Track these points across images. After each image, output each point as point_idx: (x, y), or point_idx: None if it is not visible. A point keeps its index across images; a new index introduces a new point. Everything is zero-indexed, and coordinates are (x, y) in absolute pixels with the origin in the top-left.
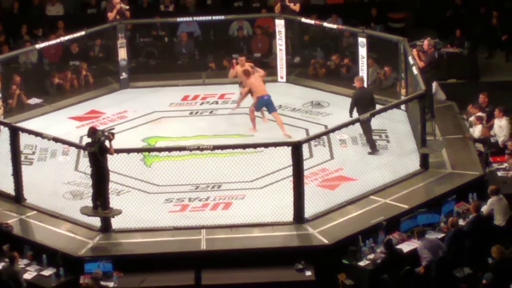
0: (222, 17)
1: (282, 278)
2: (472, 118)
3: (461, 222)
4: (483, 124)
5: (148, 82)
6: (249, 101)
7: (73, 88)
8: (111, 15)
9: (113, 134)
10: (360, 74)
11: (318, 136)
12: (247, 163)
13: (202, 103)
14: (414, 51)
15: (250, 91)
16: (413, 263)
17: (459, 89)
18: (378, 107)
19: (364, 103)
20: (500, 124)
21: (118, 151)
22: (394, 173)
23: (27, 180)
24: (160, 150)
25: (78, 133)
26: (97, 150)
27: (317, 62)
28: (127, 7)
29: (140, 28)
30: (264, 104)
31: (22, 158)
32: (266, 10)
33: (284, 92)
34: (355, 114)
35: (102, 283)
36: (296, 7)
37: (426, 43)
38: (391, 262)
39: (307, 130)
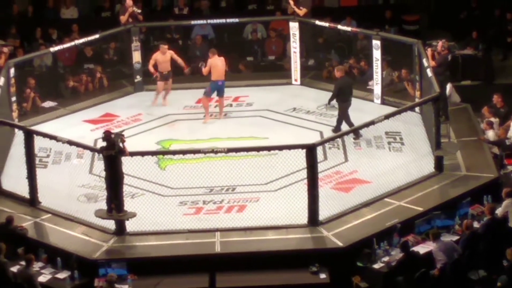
0: (236, 20)
1: (296, 281)
2: (483, 124)
3: (476, 225)
4: (493, 129)
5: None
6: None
7: (88, 91)
8: (123, 18)
9: (123, 136)
10: (375, 76)
11: (332, 139)
12: (262, 166)
13: (216, 106)
14: (429, 50)
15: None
16: (428, 266)
17: (474, 91)
18: (392, 109)
19: (347, 91)
20: None
21: (133, 154)
22: (408, 176)
23: (41, 183)
24: (174, 153)
25: (92, 136)
26: (117, 152)
27: (331, 64)
28: (139, 10)
29: (154, 31)
30: (217, 88)
31: (37, 161)
32: (280, 12)
33: (298, 95)
34: (334, 103)
35: (117, 286)
36: (301, 11)
37: (440, 44)
38: (407, 264)
39: (321, 133)
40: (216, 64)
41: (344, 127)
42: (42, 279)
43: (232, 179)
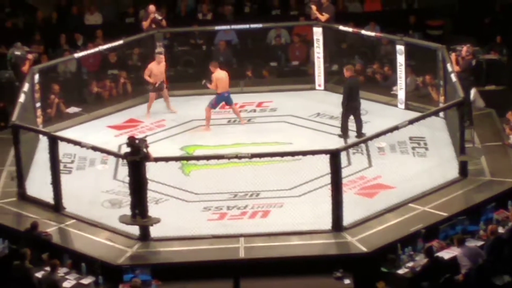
0: (260, 25)
1: (320, 287)
2: (507, 129)
3: (501, 230)
4: None
5: (186, 90)
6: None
7: (112, 97)
8: (145, 24)
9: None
10: (399, 81)
11: (356, 144)
12: (285, 171)
13: (240, 111)
14: (453, 55)
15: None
16: (453, 271)
17: (498, 96)
18: (416, 114)
19: (356, 91)
20: None
21: (157, 159)
22: (433, 181)
23: (66, 189)
24: (198, 158)
25: (116, 141)
26: (141, 158)
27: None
28: (160, 17)
29: (178, 37)
30: (224, 100)
31: (61, 166)
32: (304, 18)
33: (322, 100)
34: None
35: None
36: (323, 17)
37: (465, 49)
38: (431, 270)
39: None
40: (221, 77)
41: (367, 129)
42: (66, 284)
43: (256, 185)
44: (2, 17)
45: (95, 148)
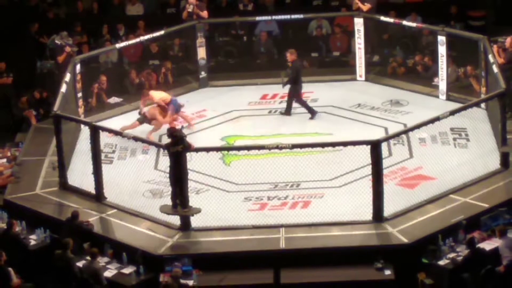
0: (301, 16)
1: (361, 277)
2: None
3: None
4: None
5: (227, 81)
6: None
7: (152, 87)
8: (184, 14)
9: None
10: (440, 72)
11: (397, 135)
12: (326, 162)
13: (280, 102)
14: (495, 47)
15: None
16: (494, 262)
17: None
18: (457, 105)
19: (300, 74)
20: None
21: (198, 149)
22: (474, 172)
23: (107, 179)
24: (239, 148)
25: (157, 132)
26: (183, 148)
27: (395, 60)
28: (190, 10)
29: (219, 27)
30: (177, 103)
31: (103, 157)
32: (345, 8)
33: (363, 91)
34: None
35: (182, 281)
36: (365, 7)
37: (509, 40)
38: (473, 261)
39: (386, 129)
40: (160, 97)
41: (408, 120)
42: (108, 274)
43: (296, 175)
44: (44, 8)
45: (136, 138)
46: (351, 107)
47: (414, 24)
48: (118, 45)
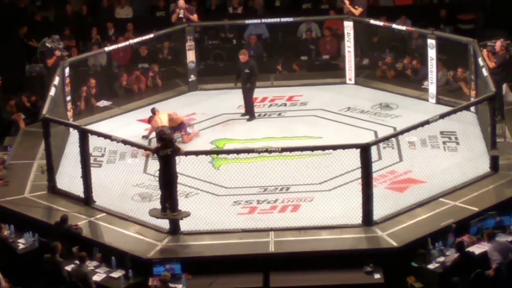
0: (291, 19)
1: (350, 281)
2: None
3: None
4: None
5: (217, 84)
6: None
7: (141, 90)
8: (173, 17)
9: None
10: (430, 76)
11: (387, 138)
12: (316, 165)
13: (270, 105)
14: (484, 51)
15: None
16: (484, 266)
17: None
18: (447, 109)
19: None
20: None
21: (187, 153)
22: (463, 175)
23: (96, 182)
24: (228, 152)
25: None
26: (172, 152)
27: (384, 63)
28: (181, 15)
29: (209, 31)
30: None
31: (91, 160)
32: (334, 12)
33: (353, 94)
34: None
35: (171, 285)
36: (357, 11)
37: (499, 44)
38: (462, 265)
39: (375, 132)
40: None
41: (398, 124)
42: (96, 278)
43: (286, 179)
44: (33, 10)
45: (125, 142)
46: (341, 110)
47: (403, 28)
48: (107, 49)
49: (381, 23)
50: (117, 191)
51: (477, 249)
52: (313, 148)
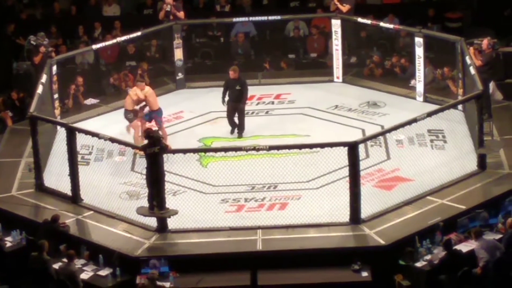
0: (278, 17)
1: (338, 279)
2: None
3: None
4: None
5: (204, 82)
6: None
7: (129, 88)
8: (160, 15)
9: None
10: (417, 74)
11: (374, 137)
12: (303, 163)
13: (258, 103)
14: (471, 49)
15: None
16: (471, 264)
17: None
18: (435, 107)
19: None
20: None
21: (175, 151)
22: (451, 174)
23: (83, 180)
24: (216, 150)
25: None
26: (159, 149)
27: (372, 61)
28: (168, 9)
29: (196, 29)
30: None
31: (79, 158)
32: (322, 10)
33: (340, 92)
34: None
35: (159, 283)
36: (345, 8)
37: (485, 42)
38: (450, 263)
39: (363, 130)
40: (151, 96)
41: (385, 122)
42: (84, 276)
43: (273, 177)
44: (20, 8)
45: (113, 140)
46: (328, 108)
47: (391, 26)
48: (94, 46)
49: (368, 21)
50: (104, 189)
51: (464, 247)
52: (300, 146)
